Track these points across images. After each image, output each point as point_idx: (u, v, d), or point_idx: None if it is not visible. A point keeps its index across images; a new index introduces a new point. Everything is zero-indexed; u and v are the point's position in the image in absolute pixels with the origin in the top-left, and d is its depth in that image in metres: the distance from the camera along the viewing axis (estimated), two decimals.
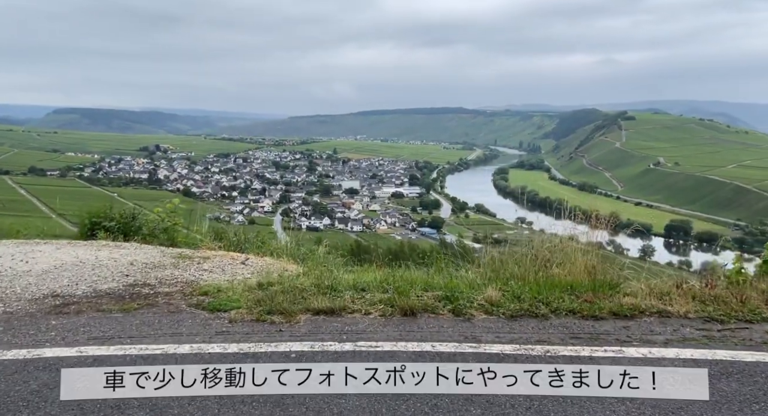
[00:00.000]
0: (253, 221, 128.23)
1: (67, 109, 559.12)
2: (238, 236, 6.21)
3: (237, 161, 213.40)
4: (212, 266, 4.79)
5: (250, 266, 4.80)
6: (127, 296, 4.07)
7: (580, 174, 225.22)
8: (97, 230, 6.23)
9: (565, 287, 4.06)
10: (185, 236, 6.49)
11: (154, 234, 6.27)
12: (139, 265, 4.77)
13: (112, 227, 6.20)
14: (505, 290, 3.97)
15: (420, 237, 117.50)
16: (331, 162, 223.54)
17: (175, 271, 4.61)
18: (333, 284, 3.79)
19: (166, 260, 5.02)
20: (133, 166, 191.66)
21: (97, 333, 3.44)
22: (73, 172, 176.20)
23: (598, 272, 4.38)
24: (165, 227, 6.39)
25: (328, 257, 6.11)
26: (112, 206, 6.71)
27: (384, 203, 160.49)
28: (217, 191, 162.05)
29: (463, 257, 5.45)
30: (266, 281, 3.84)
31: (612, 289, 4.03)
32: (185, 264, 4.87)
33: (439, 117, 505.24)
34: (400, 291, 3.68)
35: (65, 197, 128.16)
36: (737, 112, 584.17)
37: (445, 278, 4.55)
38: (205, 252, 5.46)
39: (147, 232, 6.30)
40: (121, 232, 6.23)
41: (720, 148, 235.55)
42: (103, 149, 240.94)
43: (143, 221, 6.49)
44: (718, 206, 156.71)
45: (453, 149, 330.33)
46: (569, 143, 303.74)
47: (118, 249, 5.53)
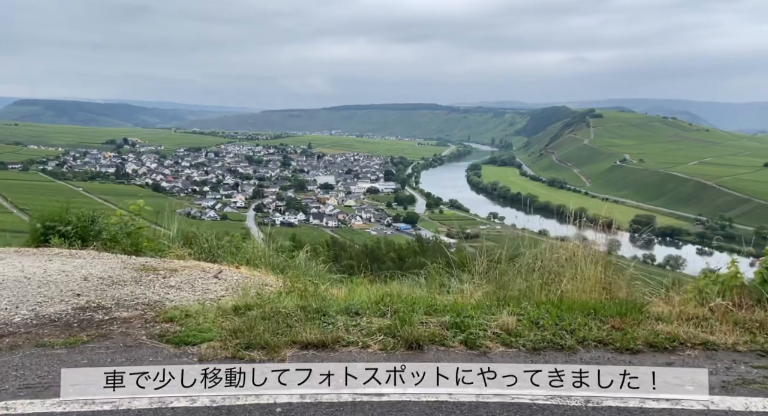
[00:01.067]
0: (225, 217, 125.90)
1: (30, 100, 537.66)
2: (209, 242, 5.50)
3: (208, 156, 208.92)
4: (180, 280, 4.13)
5: (224, 281, 4.15)
6: (75, 324, 3.39)
7: (550, 170, 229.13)
8: (50, 235, 5.46)
9: (586, 310, 3.54)
10: (151, 242, 5.74)
11: (115, 240, 5.54)
12: (94, 280, 4.06)
13: (68, 232, 5.48)
14: (520, 314, 3.47)
15: (395, 233, 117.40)
16: (305, 157, 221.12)
17: (137, 288, 3.92)
18: (322, 307, 3.22)
19: (127, 273, 4.32)
20: (99, 160, 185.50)
21: (32, 379, 2.77)
22: (35, 165, 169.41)
23: (614, 287, 3.91)
24: (128, 231, 5.68)
25: (310, 265, 5.49)
26: (68, 208, 5.86)
27: (359, 199, 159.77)
28: (188, 186, 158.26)
29: (458, 266, 4.95)
30: (243, 303, 3.25)
31: (639, 312, 3.52)
32: (149, 279, 4.18)
33: (413, 113, 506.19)
34: (401, 316, 3.15)
35: (27, 191, 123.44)
36: (699, 110, 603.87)
37: (445, 295, 4.05)
38: (173, 262, 4.77)
39: (108, 237, 5.58)
40: (79, 237, 5.51)
41: (682, 145, 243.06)
42: (67, 142, 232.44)
43: (104, 224, 5.72)
44: (680, 201, 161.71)
45: (427, 145, 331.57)
46: (540, 139, 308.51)
47: (72, 259, 4.79)
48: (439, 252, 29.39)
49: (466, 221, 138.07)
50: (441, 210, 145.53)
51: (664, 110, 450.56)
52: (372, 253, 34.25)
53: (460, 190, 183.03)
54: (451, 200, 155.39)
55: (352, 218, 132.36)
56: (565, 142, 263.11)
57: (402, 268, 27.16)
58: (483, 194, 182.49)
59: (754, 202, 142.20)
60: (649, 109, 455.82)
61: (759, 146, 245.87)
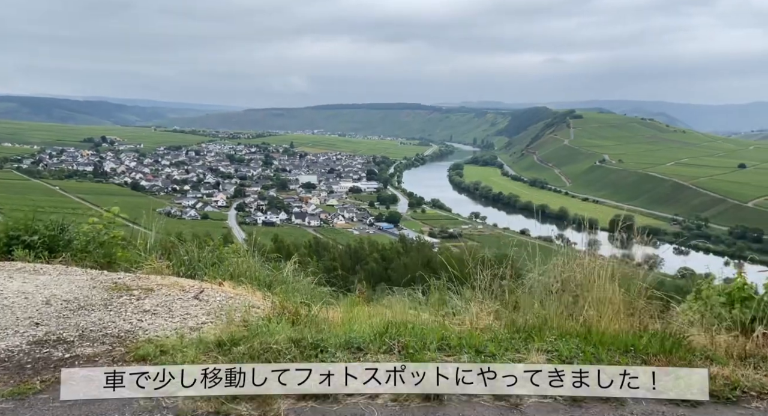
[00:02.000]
0: (206, 216, 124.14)
1: (4, 97, 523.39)
2: (189, 254, 4.98)
3: (189, 154, 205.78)
4: (156, 303, 3.60)
5: (206, 302, 3.66)
6: (29, 365, 2.80)
7: (531, 170, 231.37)
8: (15, 246, 4.86)
9: (622, 346, 3.06)
10: (126, 252, 5.20)
11: (87, 250, 4.99)
12: (57, 304, 3.48)
13: (34, 243, 4.91)
14: (549, 352, 2.99)
15: (378, 232, 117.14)
16: (287, 156, 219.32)
17: (106, 314, 3.34)
18: (318, 341, 2.79)
19: (96, 294, 3.79)
20: (76, 158, 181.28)
21: None
22: (10, 163, 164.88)
23: (643, 313, 3.47)
24: (101, 240, 5.14)
25: (299, 278, 5.01)
26: (36, 216, 5.29)
27: (342, 198, 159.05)
28: (168, 185, 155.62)
29: (459, 280, 4.56)
30: (228, 335, 2.81)
31: (681, 347, 3.04)
32: (120, 302, 3.64)
33: (396, 112, 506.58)
34: (412, 353, 2.74)
35: (1, 190, 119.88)
36: (676, 112, 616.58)
37: (451, 318, 3.65)
38: (149, 279, 4.26)
39: (79, 247, 5.03)
40: (46, 248, 4.94)
41: (660, 146, 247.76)
42: (43, 139, 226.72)
43: (75, 233, 5.18)
44: (657, 201, 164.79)
45: (410, 145, 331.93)
46: (521, 140, 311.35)
47: (35, 276, 4.20)
48: (439, 265, 29.03)
49: (448, 220, 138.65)
50: (423, 210, 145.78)
51: (642, 111, 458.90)
52: (355, 253, 33.95)
53: (443, 189, 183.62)
54: (433, 200, 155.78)
55: (335, 217, 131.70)
56: (546, 142, 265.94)
57: (386, 269, 26.61)
58: (465, 193, 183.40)
59: (729, 202, 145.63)
60: (628, 110, 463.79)
61: (733, 148, 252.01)
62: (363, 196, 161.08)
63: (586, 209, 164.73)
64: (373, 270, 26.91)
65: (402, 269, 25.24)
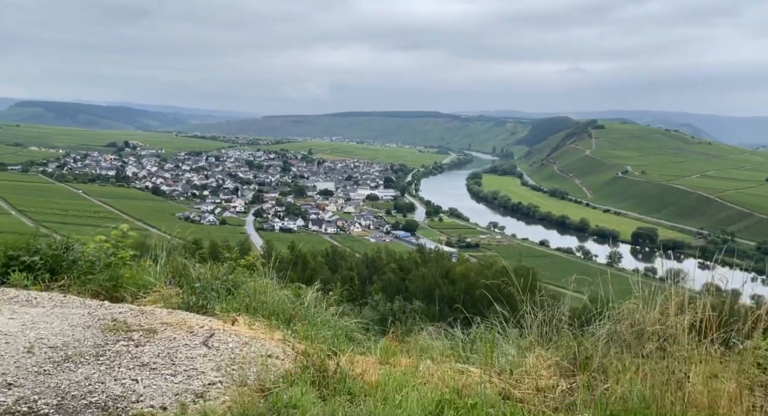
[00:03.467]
0: (224, 222, 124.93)
1: (31, 102, 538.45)
2: (201, 281, 4.36)
3: (209, 160, 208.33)
4: (157, 352, 2.97)
5: (216, 351, 3.09)
6: None
7: (551, 180, 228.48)
8: (13, 267, 4.35)
9: None
10: (133, 273, 4.62)
11: (92, 272, 4.46)
12: (41, 354, 2.93)
13: (34, 264, 4.39)
14: None
15: (395, 240, 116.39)
16: (306, 163, 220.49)
17: (96, 370, 2.67)
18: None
19: (90, 337, 3.15)
20: (100, 162, 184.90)
21: None
22: (36, 167, 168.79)
23: (755, 386, 2.57)
24: (108, 261, 4.58)
25: (321, 310, 4.34)
26: (37, 235, 4.81)
27: (359, 205, 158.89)
28: (188, 190, 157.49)
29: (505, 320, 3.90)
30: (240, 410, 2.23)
31: None
32: (115, 350, 2.98)
33: (414, 120, 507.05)
34: None
35: (27, 193, 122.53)
36: (701, 123, 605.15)
37: (508, 376, 2.97)
38: (153, 314, 3.63)
39: (84, 268, 4.49)
40: (48, 269, 4.42)
41: (684, 158, 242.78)
42: (67, 143, 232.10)
43: (79, 252, 4.61)
44: (682, 214, 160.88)
45: (428, 153, 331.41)
46: (541, 149, 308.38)
47: (26, 309, 3.65)
48: (459, 276, 26.80)
49: (466, 230, 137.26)
50: (440, 218, 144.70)
51: (666, 122, 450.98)
52: (373, 263, 33.31)
53: (460, 198, 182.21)
54: (450, 209, 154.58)
55: (351, 224, 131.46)
56: (566, 152, 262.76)
57: (404, 279, 25.72)
58: (483, 203, 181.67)
59: (756, 216, 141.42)
60: (651, 121, 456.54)
61: (761, 161, 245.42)
62: (380, 203, 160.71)
63: (608, 221, 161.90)
64: (390, 281, 26.25)
65: (420, 280, 24.55)
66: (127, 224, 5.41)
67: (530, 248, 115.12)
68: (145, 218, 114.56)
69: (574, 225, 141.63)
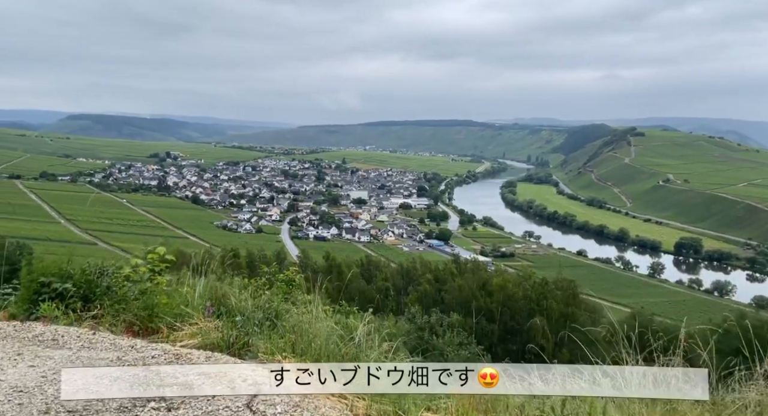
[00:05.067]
0: (260, 230, 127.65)
1: (80, 115, 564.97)
2: (243, 313, 3.94)
3: (246, 169, 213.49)
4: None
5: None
6: None
7: (589, 189, 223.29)
8: (44, 295, 4.14)
9: None
10: (169, 302, 4.22)
11: (125, 299, 4.26)
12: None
13: (66, 291, 4.17)
14: None
15: (428, 249, 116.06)
16: (339, 172, 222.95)
17: None
18: None
19: (116, 392, 2.73)
20: (143, 172, 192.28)
21: None
22: (83, 177, 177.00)
23: None
24: (143, 288, 4.33)
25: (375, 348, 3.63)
26: (71, 259, 4.52)
27: (392, 214, 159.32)
28: (226, 199, 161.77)
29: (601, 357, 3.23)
30: None
31: None
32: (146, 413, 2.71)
33: (447, 129, 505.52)
34: None
35: (75, 202, 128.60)
36: (748, 130, 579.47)
37: None
38: (190, 358, 3.39)
39: (118, 296, 4.28)
40: (81, 297, 4.22)
41: (730, 166, 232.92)
42: (113, 155, 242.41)
43: (113, 278, 4.41)
44: (728, 224, 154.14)
45: (461, 161, 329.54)
46: (577, 157, 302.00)
47: (50, 352, 3.41)
48: (495, 287, 25.02)
49: (500, 239, 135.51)
50: (474, 227, 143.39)
51: (709, 129, 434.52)
52: (408, 274, 33.42)
53: (494, 207, 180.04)
54: (484, 218, 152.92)
55: (385, 233, 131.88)
56: (604, 160, 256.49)
57: (439, 291, 25.54)
58: (518, 212, 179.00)
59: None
60: (694, 128, 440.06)
61: None
62: (413, 212, 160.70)
63: (649, 231, 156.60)
64: (426, 292, 26.31)
65: (456, 292, 24.50)
66: (164, 246, 4.72)
67: (567, 257, 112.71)
68: (184, 227, 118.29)
69: (613, 235, 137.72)
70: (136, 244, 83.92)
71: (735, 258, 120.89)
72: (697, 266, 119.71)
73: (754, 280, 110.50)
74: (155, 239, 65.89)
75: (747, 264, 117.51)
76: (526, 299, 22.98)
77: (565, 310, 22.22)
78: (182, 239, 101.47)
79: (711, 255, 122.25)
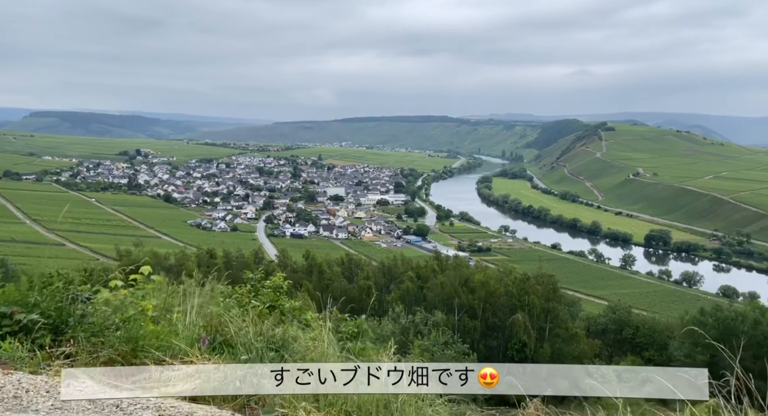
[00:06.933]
0: (235, 228, 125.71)
1: (45, 112, 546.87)
2: (245, 344, 3.24)
3: (220, 167, 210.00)
4: None
5: None
6: None
7: (562, 183, 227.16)
8: (6, 328, 3.33)
9: None
10: (156, 331, 3.44)
11: (104, 331, 3.43)
12: None
13: (33, 323, 3.33)
14: None
15: (406, 245, 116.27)
16: (316, 168, 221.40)
17: None
18: None
19: None
20: (112, 170, 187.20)
21: None
22: (50, 176, 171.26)
23: None
24: (125, 317, 3.51)
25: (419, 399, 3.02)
26: (34, 281, 3.72)
27: (369, 211, 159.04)
28: (199, 197, 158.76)
29: None
30: None
31: None
32: None
33: (423, 125, 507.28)
34: None
35: (41, 202, 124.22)
36: (713, 124, 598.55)
37: None
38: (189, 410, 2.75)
39: (95, 326, 3.43)
40: (50, 329, 3.39)
41: (697, 159, 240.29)
42: (81, 152, 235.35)
43: (89, 308, 3.56)
44: (695, 216, 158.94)
45: (438, 157, 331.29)
46: (551, 152, 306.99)
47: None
48: (477, 283, 24.35)
49: (477, 234, 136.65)
50: (451, 223, 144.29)
51: (676, 123, 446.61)
52: (389, 271, 33.14)
53: (471, 202, 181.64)
54: (461, 213, 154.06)
55: (362, 230, 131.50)
56: (576, 155, 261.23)
57: (421, 288, 25.13)
58: (494, 206, 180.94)
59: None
60: (662, 122, 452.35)
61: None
62: (391, 208, 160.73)
63: (620, 224, 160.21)
64: (408, 290, 26.11)
65: (438, 289, 24.37)
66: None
67: (542, 251, 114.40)
68: (157, 226, 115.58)
69: (586, 228, 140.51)
70: (106, 244, 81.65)
71: (702, 249, 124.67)
72: (666, 258, 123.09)
73: (720, 270, 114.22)
74: (127, 239, 63.50)
75: (713, 255, 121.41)
76: (508, 295, 23.12)
77: (546, 305, 22.45)
78: (155, 239, 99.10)
79: (679, 247, 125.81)
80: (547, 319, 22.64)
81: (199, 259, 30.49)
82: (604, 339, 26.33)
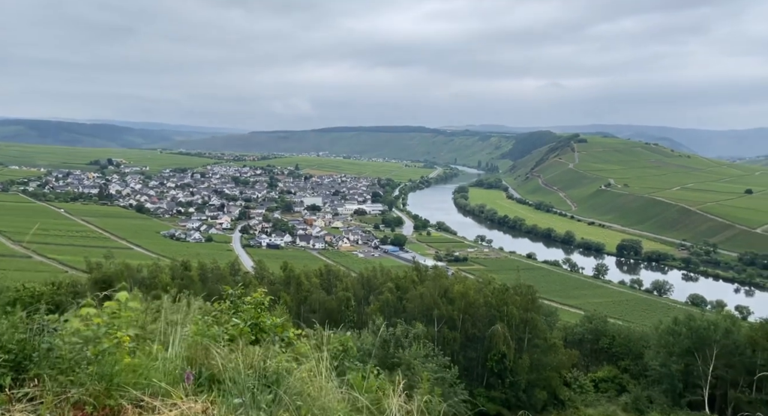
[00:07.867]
0: (210, 239, 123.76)
1: (12, 120, 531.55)
2: (238, 387, 2.78)
3: (194, 176, 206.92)
4: None
5: None
6: None
7: (536, 194, 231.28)
8: None
9: None
10: (134, 366, 2.92)
11: (74, 367, 2.88)
12: None
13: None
14: None
15: (383, 255, 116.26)
16: (292, 178, 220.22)
17: None
18: None
19: None
20: (82, 180, 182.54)
21: None
22: (16, 186, 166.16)
23: None
24: (98, 351, 2.93)
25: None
26: None
27: (346, 220, 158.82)
28: (173, 207, 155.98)
29: None
30: None
31: None
32: None
33: (400, 135, 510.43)
34: None
35: (7, 213, 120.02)
36: (679, 137, 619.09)
37: None
38: None
39: (64, 362, 2.89)
40: (12, 366, 2.85)
41: (665, 171, 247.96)
42: (49, 162, 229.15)
43: (56, 341, 2.99)
44: (665, 226, 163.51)
45: (414, 167, 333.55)
46: (525, 163, 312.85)
47: None
48: (456, 295, 24.68)
49: (454, 243, 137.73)
50: (428, 232, 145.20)
51: (645, 135, 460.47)
52: (368, 282, 32.97)
53: (447, 212, 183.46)
54: (438, 222, 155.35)
55: (339, 240, 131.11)
56: (550, 166, 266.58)
57: (401, 300, 25.12)
58: (470, 216, 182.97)
59: (737, 228, 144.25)
60: (631, 134, 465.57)
61: (739, 173, 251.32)
62: (368, 218, 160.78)
63: (593, 233, 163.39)
64: (388, 301, 26.01)
65: (418, 300, 24.36)
66: (126, 292, 3.22)
67: (518, 260, 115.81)
68: (129, 237, 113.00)
69: (560, 238, 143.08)
70: (75, 256, 79.32)
71: (671, 259, 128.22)
72: (637, 267, 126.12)
73: (689, 279, 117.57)
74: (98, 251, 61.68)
75: (682, 264, 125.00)
76: (487, 306, 23.29)
77: (524, 315, 22.69)
78: (127, 251, 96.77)
79: (650, 256, 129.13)
80: (526, 329, 22.90)
81: (173, 271, 29.86)
82: (581, 348, 26.86)
